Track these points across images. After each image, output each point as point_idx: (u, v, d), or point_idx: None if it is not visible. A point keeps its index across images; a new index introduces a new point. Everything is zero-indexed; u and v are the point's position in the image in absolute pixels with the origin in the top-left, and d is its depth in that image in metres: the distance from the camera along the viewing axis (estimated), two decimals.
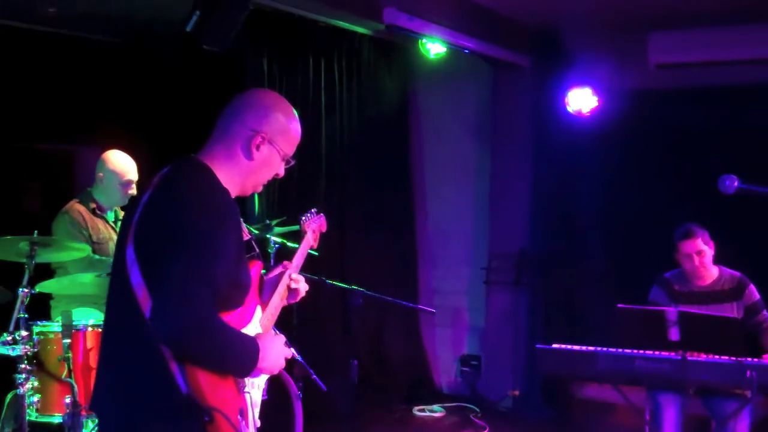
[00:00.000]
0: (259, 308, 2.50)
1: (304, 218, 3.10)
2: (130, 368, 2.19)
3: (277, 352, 2.33)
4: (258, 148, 2.34)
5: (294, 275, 2.73)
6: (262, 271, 2.61)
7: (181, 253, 2.08)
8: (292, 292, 2.73)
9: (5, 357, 3.84)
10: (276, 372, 2.38)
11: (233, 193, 2.33)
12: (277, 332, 2.55)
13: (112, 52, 6.39)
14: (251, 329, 2.39)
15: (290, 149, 2.43)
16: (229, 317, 2.25)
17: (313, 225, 3.09)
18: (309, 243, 3.03)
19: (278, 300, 2.66)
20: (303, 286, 2.75)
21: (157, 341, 2.09)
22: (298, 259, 2.87)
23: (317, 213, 3.16)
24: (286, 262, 2.77)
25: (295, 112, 2.46)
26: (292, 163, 2.46)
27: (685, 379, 4.11)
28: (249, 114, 2.36)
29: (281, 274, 2.71)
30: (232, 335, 2.20)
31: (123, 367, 2.22)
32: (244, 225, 2.44)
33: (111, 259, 4.48)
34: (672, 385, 4.30)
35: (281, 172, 2.45)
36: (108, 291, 2.34)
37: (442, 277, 7.60)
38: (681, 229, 4.63)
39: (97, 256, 4.47)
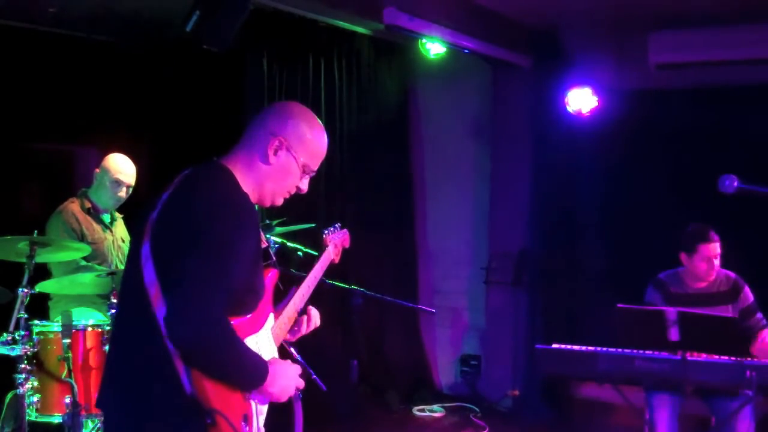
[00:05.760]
0: (272, 316, 2.48)
1: (326, 232, 3.03)
2: (137, 365, 2.20)
3: (287, 380, 2.32)
4: (276, 152, 2.34)
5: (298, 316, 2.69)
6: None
7: (199, 254, 2.09)
8: (292, 329, 2.66)
9: (5, 357, 3.84)
10: (284, 399, 2.35)
11: (251, 200, 2.33)
12: (298, 359, 2.54)
13: (112, 53, 6.39)
14: (263, 335, 2.38)
15: (310, 160, 2.41)
16: (241, 322, 2.25)
17: (336, 239, 3.02)
18: (330, 257, 2.97)
19: (292, 310, 2.62)
20: (315, 319, 2.71)
21: (169, 341, 2.09)
22: (318, 272, 2.83)
23: (341, 228, 3.09)
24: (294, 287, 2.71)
25: (322, 125, 2.45)
26: (314, 175, 2.45)
27: (684, 379, 4.10)
28: (271, 119, 2.39)
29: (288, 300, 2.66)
30: (243, 348, 2.19)
31: (129, 363, 2.22)
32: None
33: (98, 266, 4.52)
34: (672, 385, 4.29)
35: (303, 187, 2.44)
36: (120, 287, 2.34)
37: (442, 277, 7.60)
38: (697, 228, 4.52)
39: (84, 262, 4.46)
